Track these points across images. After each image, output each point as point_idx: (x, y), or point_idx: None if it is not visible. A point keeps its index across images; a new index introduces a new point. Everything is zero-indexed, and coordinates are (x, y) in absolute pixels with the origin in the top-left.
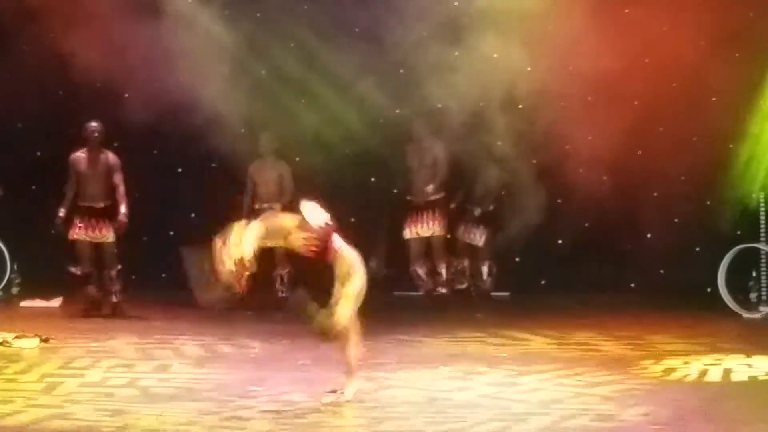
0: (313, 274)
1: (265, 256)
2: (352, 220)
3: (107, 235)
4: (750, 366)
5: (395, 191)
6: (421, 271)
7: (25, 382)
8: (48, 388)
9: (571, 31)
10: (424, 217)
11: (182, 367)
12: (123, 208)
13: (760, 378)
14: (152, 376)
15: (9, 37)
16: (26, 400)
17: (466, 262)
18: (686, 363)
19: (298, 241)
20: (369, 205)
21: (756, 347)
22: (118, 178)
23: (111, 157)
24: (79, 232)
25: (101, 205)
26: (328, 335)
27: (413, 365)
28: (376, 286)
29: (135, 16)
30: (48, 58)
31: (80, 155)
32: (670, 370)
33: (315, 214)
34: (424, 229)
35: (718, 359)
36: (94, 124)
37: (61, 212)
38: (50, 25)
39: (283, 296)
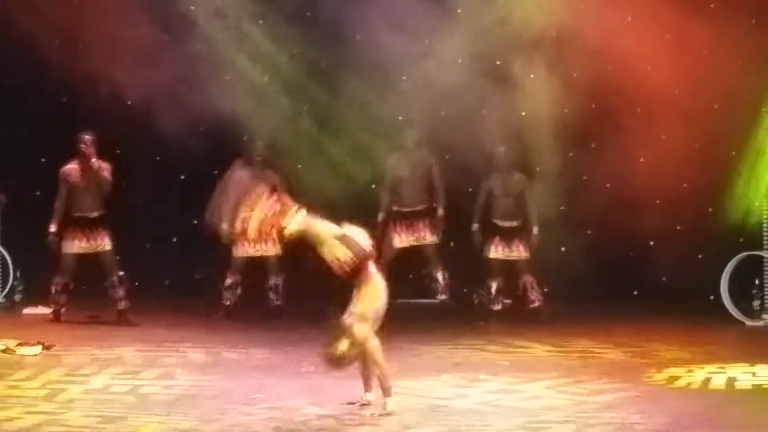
0: (312, 283)
1: (258, 265)
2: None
3: (103, 244)
4: (753, 374)
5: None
6: None
7: (27, 389)
8: (50, 395)
9: (575, 39)
10: (414, 225)
11: (185, 374)
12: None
13: (763, 386)
14: (155, 383)
15: (15, 44)
16: (27, 407)
17: (501, 282)
18: (689, 371)
19: (332, 253)
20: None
21: (759, 355)
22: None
23: (103, 165)
24: (72, 245)
25: (94, 214)
26: (342, 359)
27: (415, 373)
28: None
29: (139, 23)
30: (53, 65)
31: (72, 167)
32: (672, 378)
33: (361, 238)
34: (416, 238)
35: (721, 367)
36: (87, 135)
37: (53, 228)
38: (56, 32)
39: (277, 305)
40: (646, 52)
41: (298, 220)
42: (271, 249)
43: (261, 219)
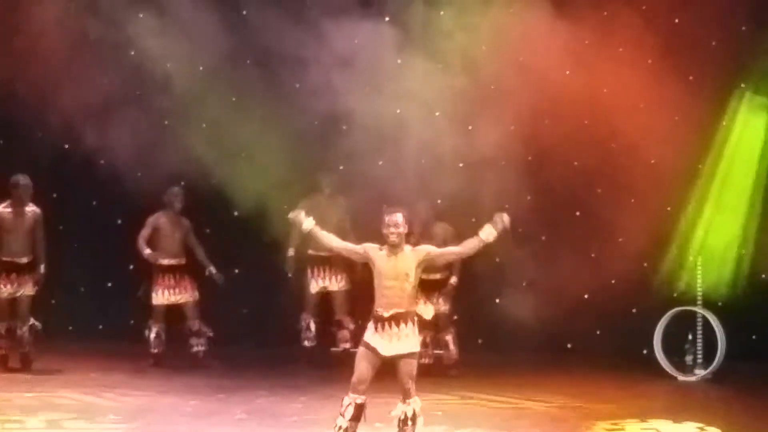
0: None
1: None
2: (290, 276)
3: (25, 289)
4: (682, 429)
5: None
6: (312, 325)
7: None
8: None
9: (512, 91)
10: (329, 270)
11: (116, 419)
12: (42, 267)
13: None
14: (86, 428)
15: None
16: None
17: (430, 336)
18: (620, 425)
19: None
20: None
21: (689, 410)
22: (41, 234)
23: (36, 211)
24: (2, 290)
25: (24, 260)
26: None
27: None
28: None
29: (79, 67)
30: None
31: (4, 210)
32: (604, 431)
33: None
34: (330, 283)
35: (651, 421)
36: (22, 178)
37: None
38: None
39: (201, 350)
40: (582, 107)
41: None
42: (188, 295)
43: None
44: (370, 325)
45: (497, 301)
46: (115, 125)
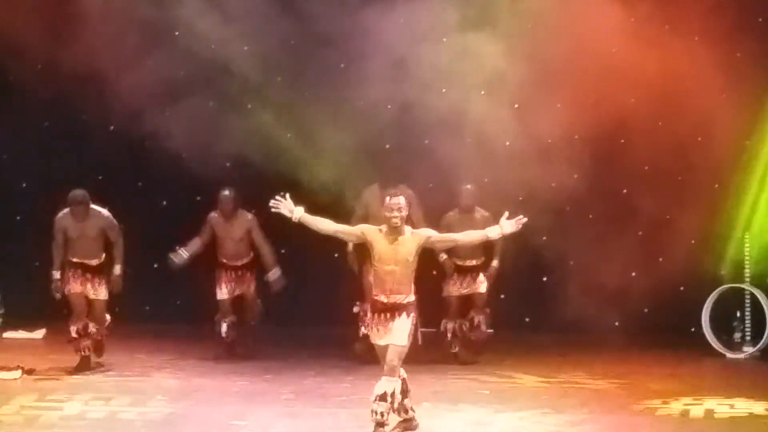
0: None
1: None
2: (336, 255)
3: (99, 292)
4: (731, 406)
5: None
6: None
7: (4, 414)
8: (27, 421)
9: (557, 70)
10: None
11: (163, 400)
12: (118, 269)
13: (742, 416)
14: (132, 409)
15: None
16: None
17: (458, 322)
18: (669, 402)
19: None
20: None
21: (739, 387)
22: (114, 236)
23: (104, 215)
24: (74, 286)
25: (94, 263)
26: None
27: None
28: (358, 322)
29: (127, 45)
30: (33, 89)
31: (67, 216)
32: (652, 409)
33: None
34: None
35: (701, 399)
36: (79, 192)
37: (56, 275)
38: (38, 56)
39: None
40: (628, 86)
41: None
42: (246, 287)
43: None
44: (369, 316)
45: (544, 279)
46: (161, 107)
